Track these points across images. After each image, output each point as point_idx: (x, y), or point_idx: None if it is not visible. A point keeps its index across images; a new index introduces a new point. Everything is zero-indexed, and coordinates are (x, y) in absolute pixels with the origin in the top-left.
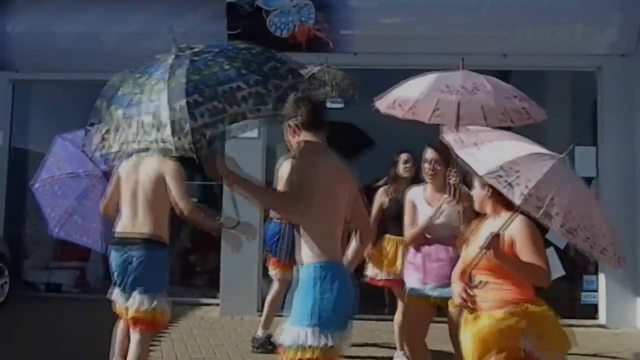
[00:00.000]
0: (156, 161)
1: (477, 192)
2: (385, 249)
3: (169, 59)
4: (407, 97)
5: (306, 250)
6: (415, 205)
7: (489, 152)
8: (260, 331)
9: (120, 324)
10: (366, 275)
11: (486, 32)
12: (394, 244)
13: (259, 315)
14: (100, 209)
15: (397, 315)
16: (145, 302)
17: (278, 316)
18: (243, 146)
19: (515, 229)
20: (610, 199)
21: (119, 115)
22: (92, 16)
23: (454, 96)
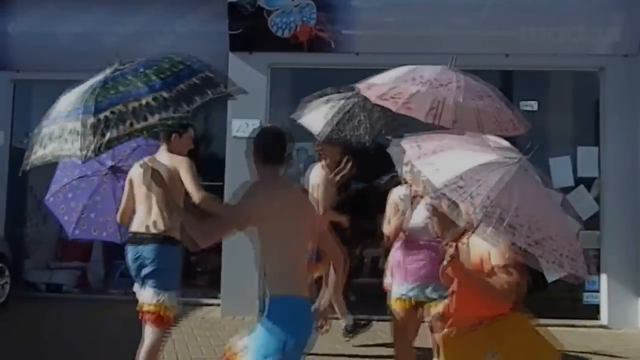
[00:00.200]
0: (168, 159)
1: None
2: None
3: (100, 75)
4: (401, 90)
5: (269, 282)
6: (399, 206)
7: (447, 161)
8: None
9: (150, 334)
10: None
11: (489, 32)
12: None
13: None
14: (118, 218)
15: None
16: (153, 297)
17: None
18: (244, 146)
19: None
20: (612, 199)
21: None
22: (93, 16)
23: (414, 87)
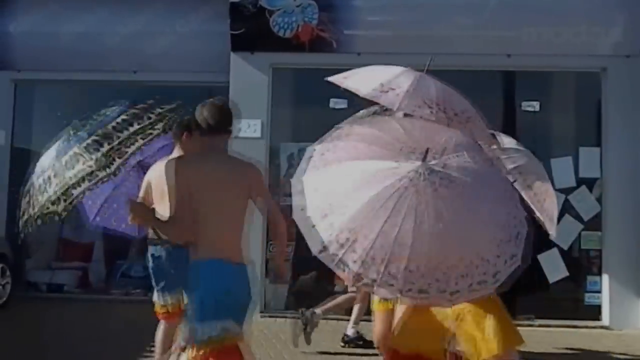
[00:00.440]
0: None
1: None
2: None
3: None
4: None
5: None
6: None
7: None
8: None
9: (161, 325)
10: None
11: (491, 33)
12: None
13: (261, 317)
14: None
15: None
16: (160, 298)
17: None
18: (246, 146)
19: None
20: (614, 200)
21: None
22: (94, 16)
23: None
